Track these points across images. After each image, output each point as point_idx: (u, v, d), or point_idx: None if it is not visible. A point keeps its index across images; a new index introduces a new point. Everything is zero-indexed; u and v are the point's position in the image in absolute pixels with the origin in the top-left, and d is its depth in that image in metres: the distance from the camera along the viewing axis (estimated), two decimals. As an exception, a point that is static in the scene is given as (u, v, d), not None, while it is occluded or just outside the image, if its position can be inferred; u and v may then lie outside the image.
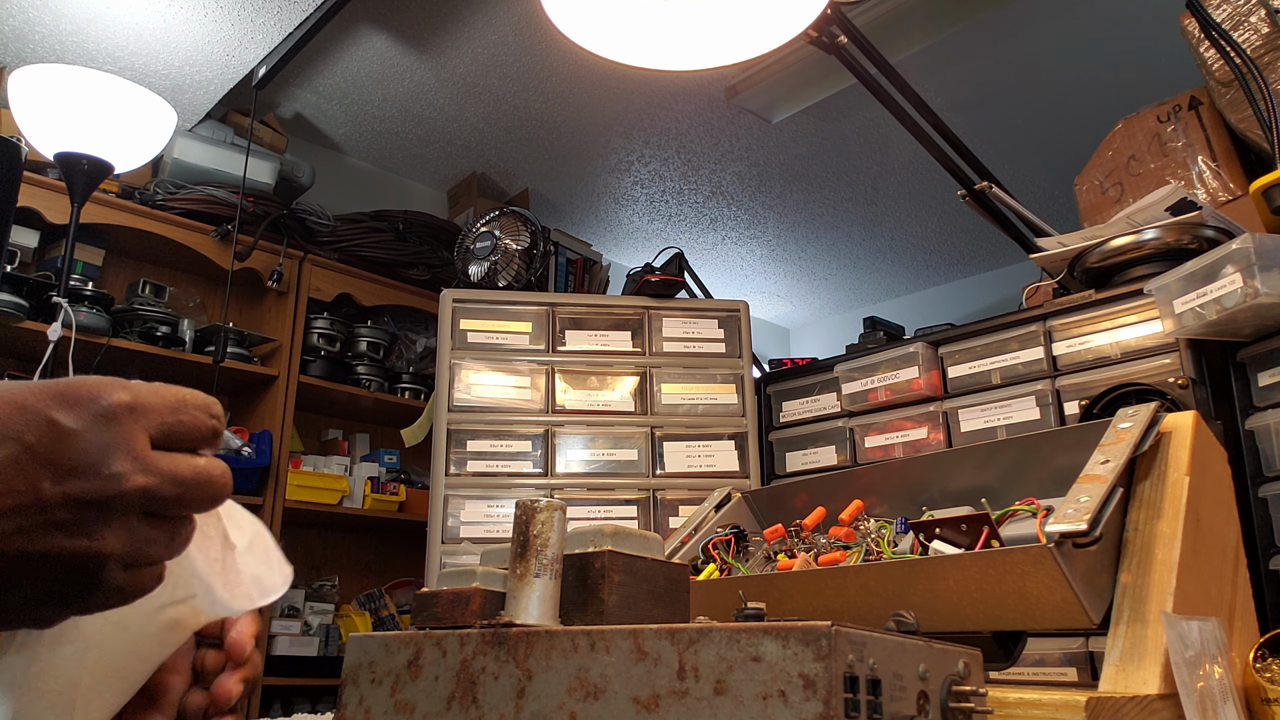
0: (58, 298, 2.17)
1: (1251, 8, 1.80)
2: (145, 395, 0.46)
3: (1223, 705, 0.79)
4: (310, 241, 3.18)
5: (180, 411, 0.48)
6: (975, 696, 0.57)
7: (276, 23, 2.79)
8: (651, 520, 2.33)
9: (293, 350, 3.04)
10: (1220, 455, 0.97)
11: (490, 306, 2.48)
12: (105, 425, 0.44)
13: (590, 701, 0.60)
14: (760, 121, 3.53)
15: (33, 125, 2.09)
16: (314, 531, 3.33)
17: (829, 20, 1.94)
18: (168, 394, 0.48)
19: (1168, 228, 1.72)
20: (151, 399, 0.46)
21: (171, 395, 0.48)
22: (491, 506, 2.30)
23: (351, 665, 0.78)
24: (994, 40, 3.12)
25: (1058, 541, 0.78)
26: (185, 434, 0.48)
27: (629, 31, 1.29)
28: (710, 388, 2.47)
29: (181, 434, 0.48)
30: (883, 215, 4.31)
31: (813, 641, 0.51)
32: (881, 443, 2.11)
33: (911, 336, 2.21)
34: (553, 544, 0.69)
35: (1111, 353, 1.80)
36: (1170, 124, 2.03)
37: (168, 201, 2.94)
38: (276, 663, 2.85)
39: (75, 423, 0.44)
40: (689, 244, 4.50)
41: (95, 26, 2.84)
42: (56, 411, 0.43)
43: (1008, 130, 3.59)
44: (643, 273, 2.58)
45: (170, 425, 0.47)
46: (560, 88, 3.36)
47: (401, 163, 3.89)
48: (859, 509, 1.11)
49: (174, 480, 0.46)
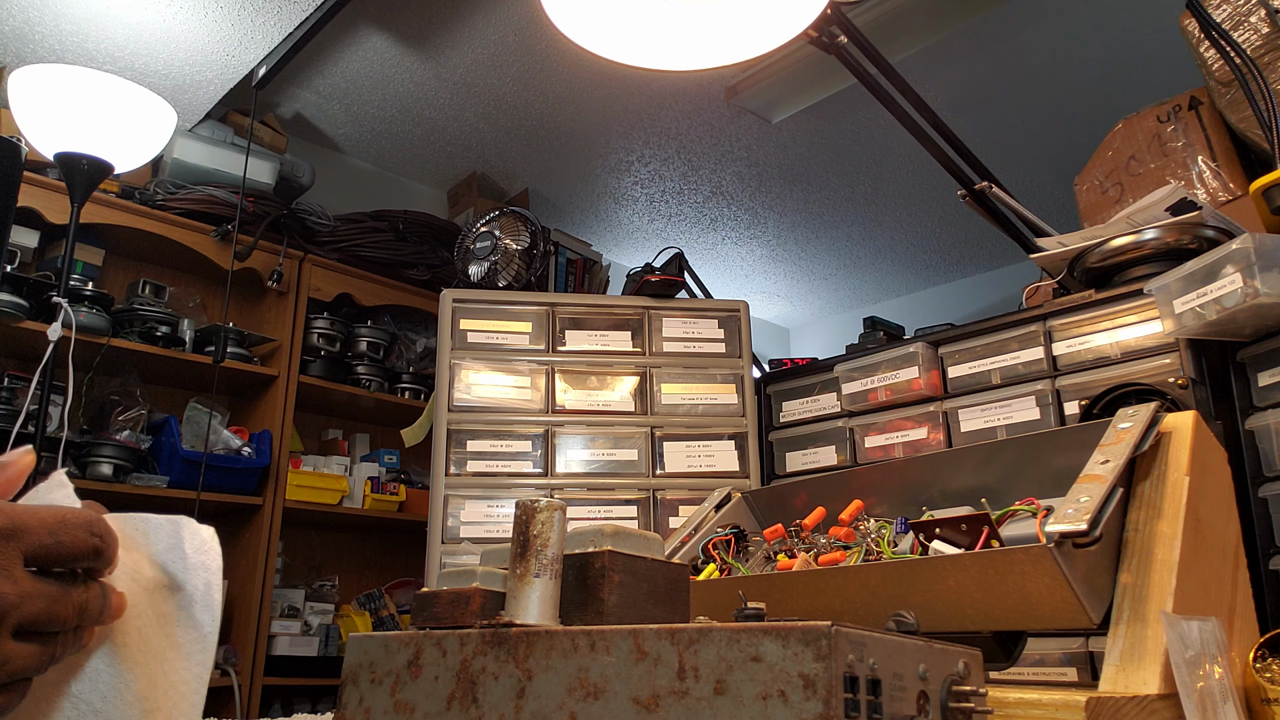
0: (58, 298, 2.17)
1: (1251, 8, 1.80)
2: (23, 518, 0.48)
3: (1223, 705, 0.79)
4: (310, 241, 3.18)
5: (59, 533, 0.49)
6: (975, 696, 0.57)
7: (276, 23, 2.79)
8: (651, 520, 2.33)
9: (293, 350, 3.04)
10: (1220, 455, 0.97)
11: (490, 306, 2.48)
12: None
13: (590, 701, 0.60)
14: (760, 121, 3.53)
15: (33, 125, 2.09)
16: (314, 531, 3.33)
17: (829, 20, 1.94)
18: (48, 516, 0.49)
19: (1168, 228, 1.72)
20: (30, 521, 0.48)
21: (52, 517, 0.49)
22: (491, 506, 2.30)
23: (351, 665, 0.78)
24: (994, 40, 3.12)
25: (1058, 541, 0.78)
26: (65, 554, 0.49)
27: (629, 31, 1.29)
28: (710, 388, 2.47)
29: (60, 555, 0.49)
30: (883, 215, 4.31)
31: (813, 641, 0.51)
32: (881, 443, 2.11)
33: (911, 336, 2.21)
34: (553, 544, 0.69)
35: (1111, 353, 1.80)
36: (1170, 124, 2.03)
37: (168, 201, 2.94)
38: (276, 663, 2.85)
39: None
40: (689, 244, 4.50)
41: (95, 26, 2.84)
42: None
43: (1008, 130, 3.59)
44: (643, 273, 2.58)
45: (48, 546, 0.49)
46: (560, 88, 3.36)
47: (401, 163, 3.89)
48: (859, 509, 1.11)
49: (43, 599, 0.48)
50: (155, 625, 0.58)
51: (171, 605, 0.59)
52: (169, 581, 0.59)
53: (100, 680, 0.56)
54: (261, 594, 2.81)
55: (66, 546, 0.50)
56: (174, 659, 0.58)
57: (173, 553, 0.59)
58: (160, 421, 2.85)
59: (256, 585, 2.80)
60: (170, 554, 0.59)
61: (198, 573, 0.59)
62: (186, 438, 2.80)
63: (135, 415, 2.79)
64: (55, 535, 0.49)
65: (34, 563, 0.49)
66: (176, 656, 0.58)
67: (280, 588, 2.99)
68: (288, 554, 3.17)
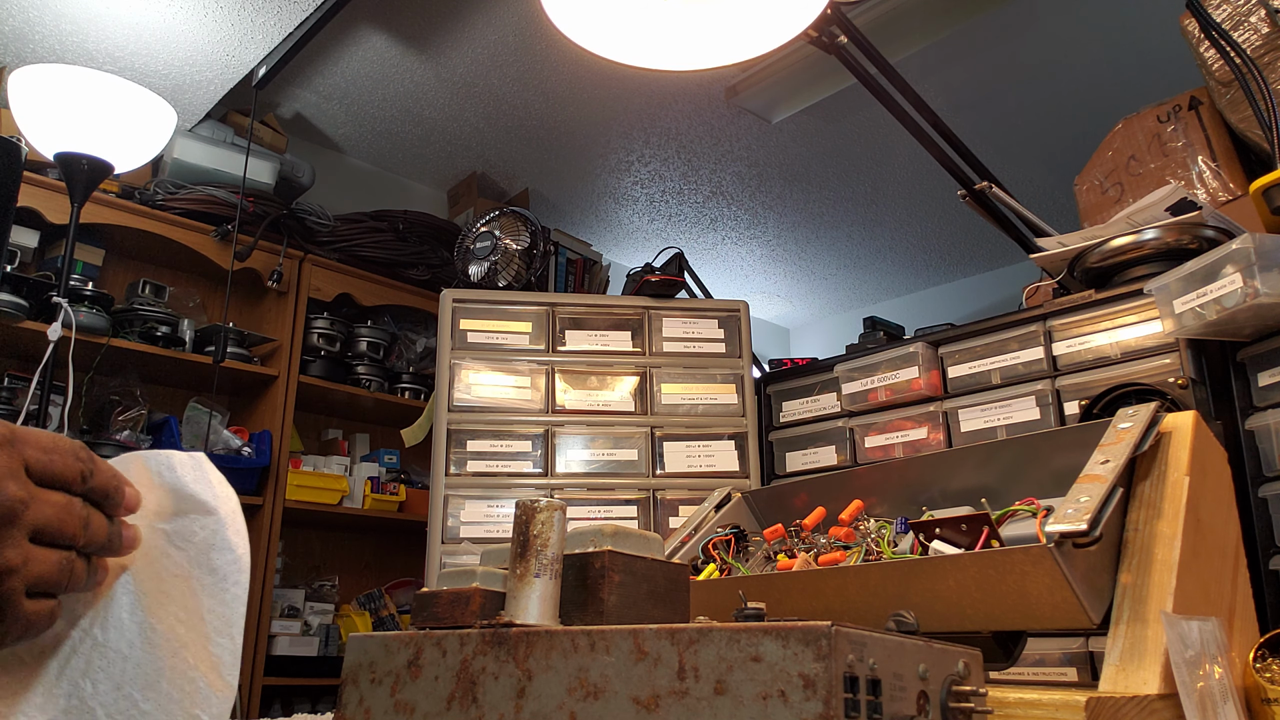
0: (58, 298, 2.17)
1: (1251, 8, 1.80)
2: (20, 431, 0.50)
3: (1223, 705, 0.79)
4: (310, 241, 3.18)
5: (52, 452, 0.51)
6: (975, 696, 0.57)
7: (276, 23, 2.79)
8: (651, 520, 2.33)
9: (293, 350, 3.04)
10: (1220, 455, 0.97)
11: (490, 306, 2.48)
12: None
13: (590, 701, 0.60)
14: (760, 121, 3.53)
15: (33, 125, 2.09)
16: (314, 531, 3.33)
17: (829, 20, 1.94)
18: (42, 435, 0.52)
19: (1168, 228, 1.72)
20: (27, 435, 0.51)
21: (46, 437, 0.52)
22: (491, 506, 2.30)
23: (351, 665, 0.78)
24: (994, 40, 3.12)
25: (1058, 541, 0.78)
26: (57, 472, 0.51)
27: (629, 31, 1.29)
28: (710, 388, 2.47)
29: (54, 472, 0.51)
30: (883, 215, 4.31)
31: (813, 641, 0.51)
32: (881, 443, 2.11)
33: (911, 336, 2.21)
34: (553, 544, 0.69)
35: (1111, 353, 1.80)
36: (1170, 124, 2.03)
37: (168, 201, 2.94)
38: (276, 663, 2.85)
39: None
40: (689, 244, 4.50)
41: (95, 26, 2.84)
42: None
43: (1008, 130, 3.59)
44: (643, 273, 2.58)
45: (44, 462, 0.51)
46: (560, 88, 3.36)
47: (401, 163, 3.89)
48: (859, 509, 1.11)
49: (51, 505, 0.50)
50: (182, 558, 0.60)
51: (206, 532, 0.60)
52: (203, 506, 0.61)
53: (124, 626, 0.57)
54: (261, 594, 2.81)
55: (59, 465, 0.52)
56: (209, 584, 0.59)
57: (200, 483, 0.62)
58: (160, 421, 2.85)
59: (256, 585, 2.80)
60: (199, 484, 0.62)
61: (226, 501, 0.62)
62: (186, 438, 2.80)
63: (135, 415, 2.79)
64: (49, 454, 0.51)
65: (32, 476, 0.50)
66: (213, 582, 0.59)
67: (280, 588, 2.99)
68: (288, 554, 3.17)
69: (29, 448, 0.50)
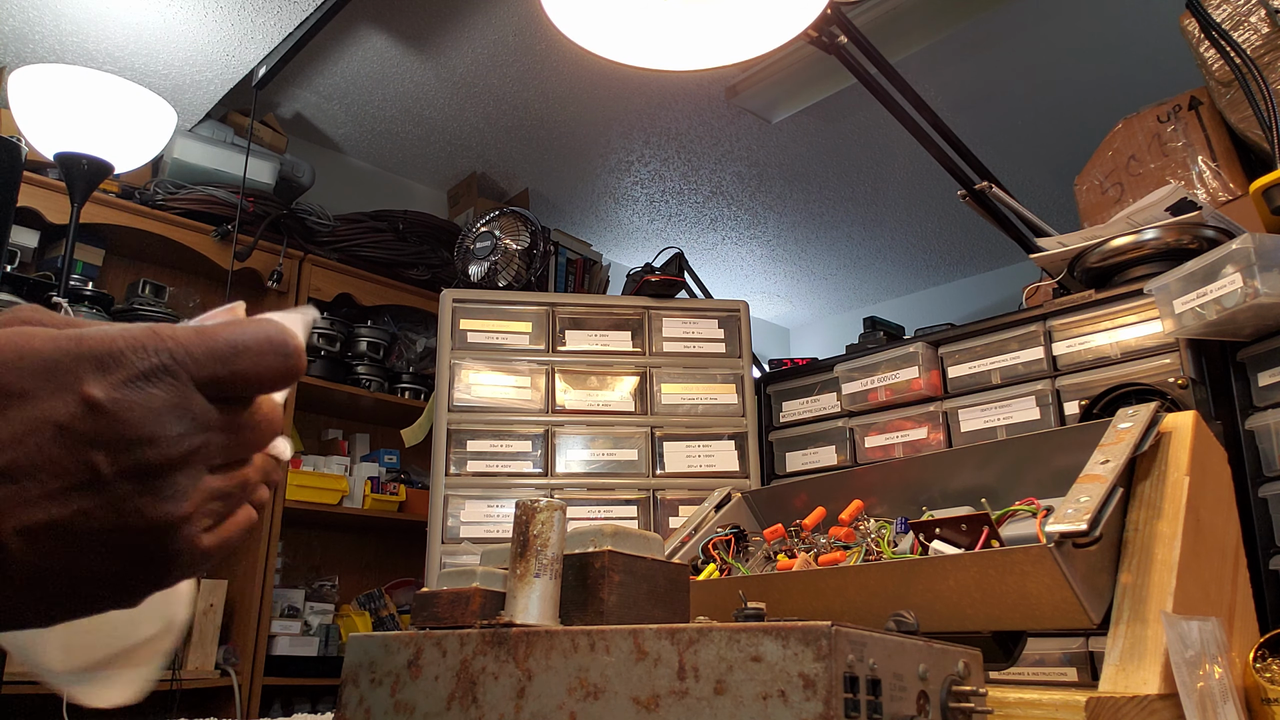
0: (58, 298, 2.17)
1: (1251, 8, 1.80)
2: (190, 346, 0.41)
3: (1223, 705, 0.79)
4: (310, 241, 3.18)
5: (232, 362, 0.41)
6: (975, 696, 0.57)
7: (276, 23, 2.79)
8: (651, 520, 2.33)
9: (293, 350, 3.04)
10: (1220, 455, 0.97)
11: (490, 306, 2.48)
12: (147, 388, 0.39)
13: (590, 701, 0.60)
14: (760, 121, 3.53)
15: (33, 125, 2.09)
16: (314, 531, 3.33)
17: (829, 20, 1.94)
18: (217, 341, 0.41)
19: (1168, 228, 1.72)
20: (196, 351, 0.41)
21: (223, 342, 0.41)
22: (491, 506, 2.30)
23: (351, 665, 0.78)
24: (994, 40, 3.12)
25: (1058, 541, 0.78)
26: (241, 385, 0.42)
27: (629, 31, 1.29)
28: (710, 388, 2.47)
29: (236, 386, 0.42)
30: (883, 215, 4.31)
31: (813, 641, 0.51)
32: (881, 443, 2.11)
33: (911, 336, 2.21)
34: (553, 544, 0.69)
35: (1111, 353, 1.80)
36: (1170, 124, 2.03)
37: (168, 201, 2.94)
38: (276, 663, 2.85)
39: (114, 391, 0.39)
40: (689, 244, 4.50)
41: (95, 26, 2.84)
42: (90, 383, 0.38)
43: (1008, 130, 3.59)
44: (643, 273, 2.58)
45: (221, 378, 0.41)
46: (560, 88, 3.36)
47: (401, 163, 3.89)
48: (859, 509, 1.11)
49: (232, 431, 0.42)
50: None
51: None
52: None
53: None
54: (261, 594, 2.81)
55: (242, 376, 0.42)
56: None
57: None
58: (160, 421, 2.84)
59: (256, 585, 2.80)
60: None
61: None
62: (186, 438, 2.79)
63: (135, 415, 2.78)
64: (228, 365, 0.41)
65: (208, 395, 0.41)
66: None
67: (280, 588, 2.99)
68: (288, 554, 3.17)
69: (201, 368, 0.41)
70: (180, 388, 0.40)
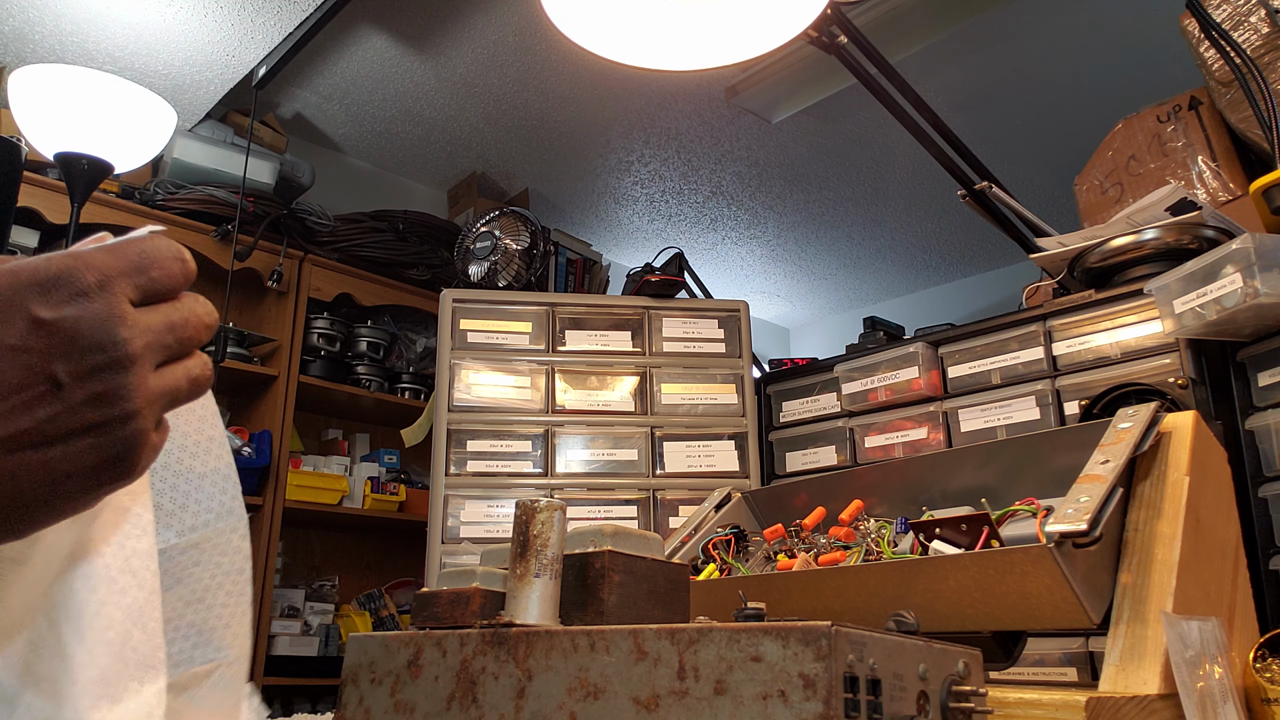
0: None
1: (1251, 8, 1.80)
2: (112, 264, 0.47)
3: (1222, 705, 0.79)
4: (310, 241, 3.18)
5: (148, 270, 0.48)
6: (975, 696, 0.57)
7: (276, 23, 2.79)
8: (651, 520, 2.33)
9: (293, 350, 3.04)
10: (1220, 455, 0.97)
11: (490, 306, 2.48)
12: (89, 302, 0.45)
13: (590, 701, 0.60)
14: (760, 121, 3.53)
15: (33, 125, 2.09)
16: (314, 531, 3.33)
17: (829, 20, 1.94)
18: (130, 252, 0.48)
19: (1168, 228, 1.72)
20: (119, 265, 0.47)
21: (135, 253, 0.48)
22: (491, 506, 2.30)
23: (351, 665, 0.78)
24: (994, 40, 3.12)
25: (1058, 541, 0.78)
26: (159, 289, 0.49)
27: (629, 31, 1.29)
28: (710, 388, 2.47)
29: (156, 290, 0.49)
30: (883, 215, 4.31)
31: (813, 641, 0.51)
32: (881, 443, 2.11)
33: (911, 336, 2.21)
34: (553, 544, 0.69)
35: (1111, 353, 1.80)
36: (1170, 124, 2.03)
37: (168, 201, 2.94)
38: (276, 663, 2.85)
39: (61, 310, 0.44)
40: (689, 244, 4.50)
41: (95, 26, 2.84)
42: (37, 306, 0.44)
43: (1008, 130, 3.59)
44: (643, 273, 2.58)
45: (143, 285, 0.48)
46: (560, 88, 3.36)
47: (401, 163, 3.89)
48: (859, 509, 1.11)
49: (168, 329, 0.49)
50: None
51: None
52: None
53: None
54: (261, 594, 2.81)
55: (159, 280, 0.48)
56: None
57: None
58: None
59: (256, 585, 2.79)
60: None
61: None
62: (186, 438, 2.79)
63: (135, 415, 2.78)
64: (146, 272, 0.48)
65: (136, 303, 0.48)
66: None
67: (280, 588, 2.99)
68: (288, 554, 3.17)
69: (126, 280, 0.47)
70: (115, 299, 0.46)
